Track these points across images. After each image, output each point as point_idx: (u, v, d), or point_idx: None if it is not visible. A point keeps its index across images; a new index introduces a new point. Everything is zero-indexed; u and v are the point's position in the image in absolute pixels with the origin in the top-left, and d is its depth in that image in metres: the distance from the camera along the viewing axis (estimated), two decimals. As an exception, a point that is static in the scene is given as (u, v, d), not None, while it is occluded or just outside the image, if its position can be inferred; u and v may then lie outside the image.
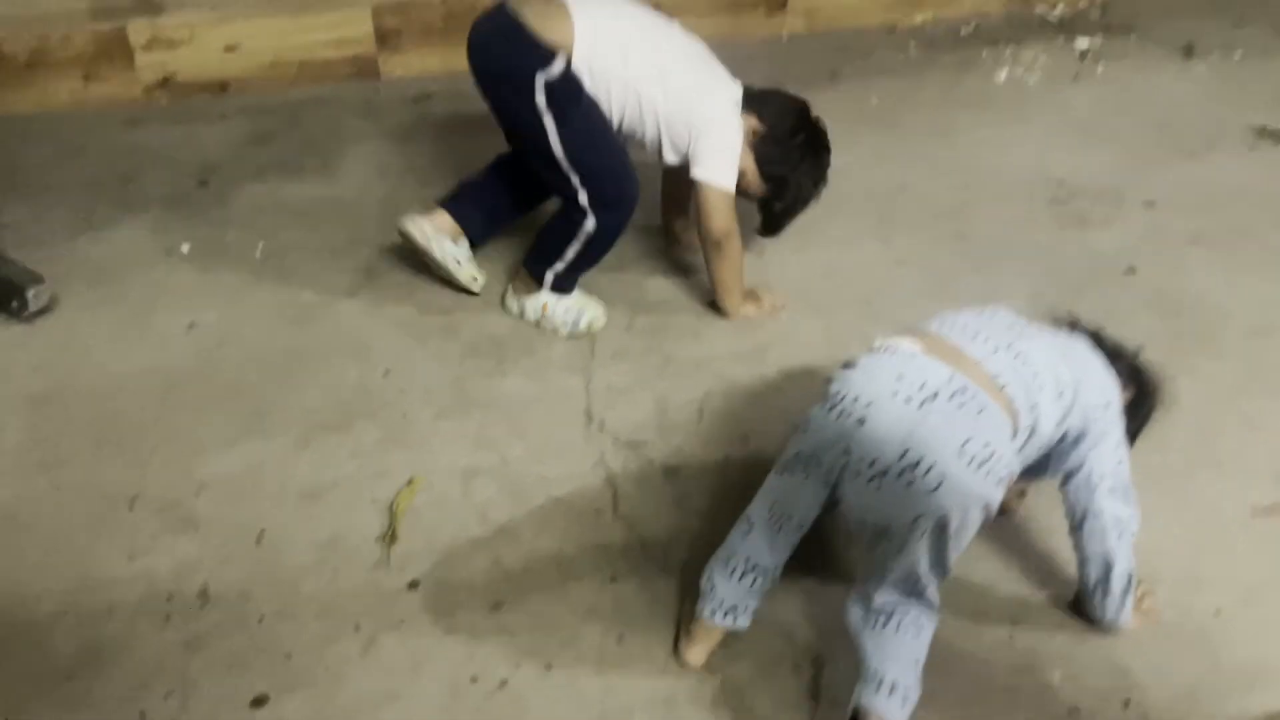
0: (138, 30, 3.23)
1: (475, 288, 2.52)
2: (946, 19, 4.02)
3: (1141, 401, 1.82)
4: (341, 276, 2.61)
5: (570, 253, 2.37)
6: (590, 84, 2.24)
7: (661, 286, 2.61)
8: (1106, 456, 1.70)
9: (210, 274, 2.62)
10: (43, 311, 2.44)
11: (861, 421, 1.54)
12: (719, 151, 2.29)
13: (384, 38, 3.45)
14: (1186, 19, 3.97)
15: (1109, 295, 2.54)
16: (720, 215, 2.31)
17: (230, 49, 3.34)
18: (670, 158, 2.35)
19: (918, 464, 1.49)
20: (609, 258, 2.44)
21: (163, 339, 2.41)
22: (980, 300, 1.83)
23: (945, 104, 3.42)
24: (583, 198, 2.29)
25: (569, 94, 2.22)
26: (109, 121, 3.23)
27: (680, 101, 2.27)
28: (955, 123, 3.30)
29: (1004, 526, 1.96)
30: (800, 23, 3.92)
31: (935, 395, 1.53)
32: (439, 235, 2.46)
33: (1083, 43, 3.80)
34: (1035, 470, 1.74)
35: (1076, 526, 1.74)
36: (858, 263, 2.69)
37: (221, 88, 3.39)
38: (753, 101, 2.34)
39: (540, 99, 2.20)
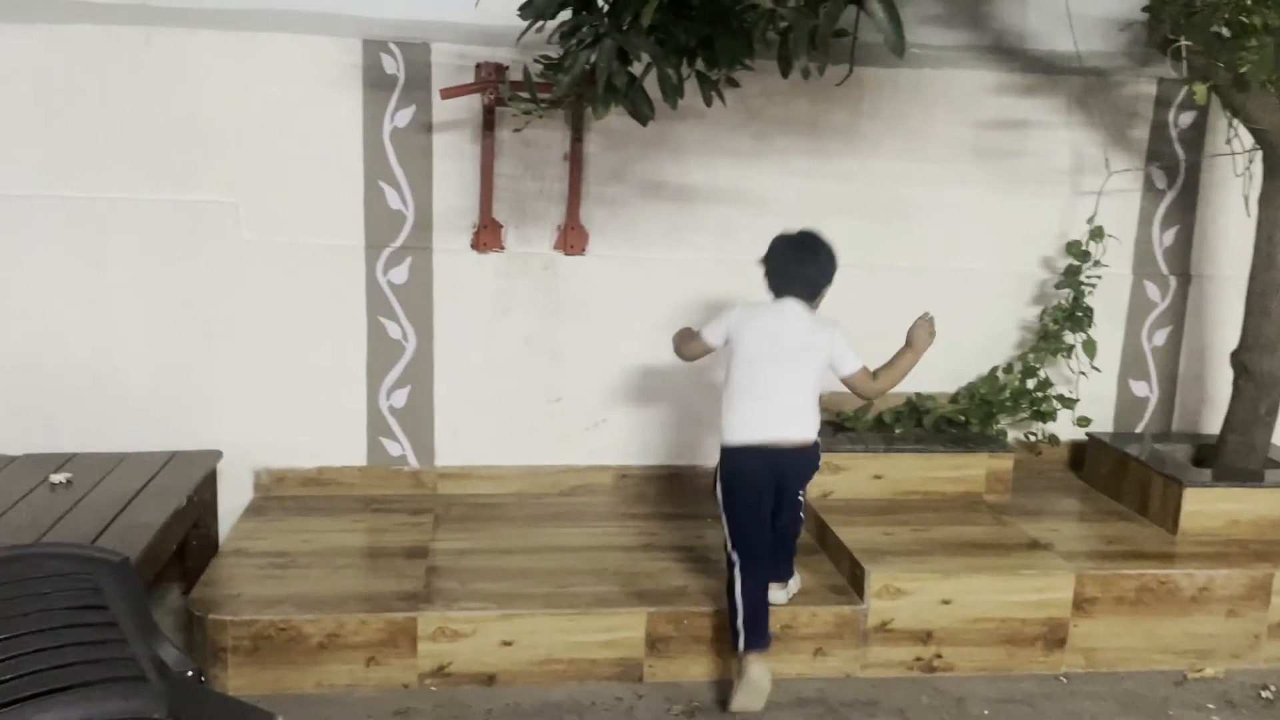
0: (428, 621, 3.30)
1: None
2: (1240, 673, 3.73)
3: None
4: None
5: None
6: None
7: None
8: None
9: None
10: None
11: None
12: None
13: (654, 643, 3.42)
14: None
15: None
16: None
17: (506, 643, 3.35)
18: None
19: None
20: None
21: None
22: None
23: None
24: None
25: None
26: (379, 709, 3.20)
27: None
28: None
29: None
30: (1080, 660, 3.70)
31: None
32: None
33: None
34: None
35: None
36: None
37: (490, 679, 3.36)
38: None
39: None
